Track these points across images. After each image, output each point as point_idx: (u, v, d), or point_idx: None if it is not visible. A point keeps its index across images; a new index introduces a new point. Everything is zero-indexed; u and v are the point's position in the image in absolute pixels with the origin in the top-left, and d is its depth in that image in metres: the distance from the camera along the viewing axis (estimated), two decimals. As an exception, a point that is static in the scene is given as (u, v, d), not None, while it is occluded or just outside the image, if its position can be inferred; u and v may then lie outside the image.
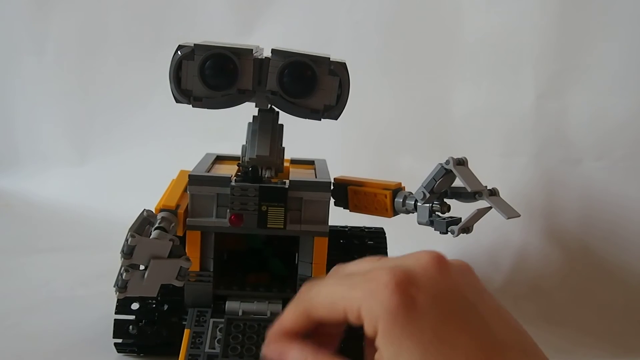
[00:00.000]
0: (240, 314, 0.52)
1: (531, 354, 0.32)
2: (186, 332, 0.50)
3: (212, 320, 0.51)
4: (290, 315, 0.37)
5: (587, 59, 0.85)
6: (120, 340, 0.54)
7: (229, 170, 0.56)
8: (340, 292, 0.34)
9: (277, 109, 0.52)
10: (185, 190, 0.53)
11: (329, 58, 0.48)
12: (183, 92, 0.48)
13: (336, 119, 0.49)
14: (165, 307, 0.55)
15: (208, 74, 0.47)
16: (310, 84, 0.47)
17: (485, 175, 0.50)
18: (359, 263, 0.37)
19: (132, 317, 0.54)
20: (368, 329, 0.32)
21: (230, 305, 0.52)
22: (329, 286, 0.35)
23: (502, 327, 0.33)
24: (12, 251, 0.85)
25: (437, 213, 0.48)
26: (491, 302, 0.34)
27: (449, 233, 0.46)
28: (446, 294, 0.33)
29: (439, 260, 0.34)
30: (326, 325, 0.36)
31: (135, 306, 0.55)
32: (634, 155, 0.83)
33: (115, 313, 0.54)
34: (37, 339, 0.58)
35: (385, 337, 0.32)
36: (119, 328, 0.54)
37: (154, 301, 0.55)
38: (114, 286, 0.44)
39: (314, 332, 0.36)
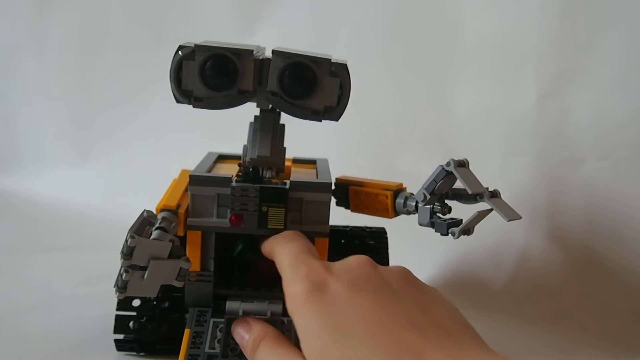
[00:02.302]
0: (240, 313, 0.52)
1: (458, 335, 0.34)
2: (186, 331, 0.50)
3: (212, 320, 0.51)
4: (268, 244, 0.48)
5: (589, 59, 0.85)
6: (120, 337, 0.54)
7: (231, 169, 0.56)
8: (284, 265, 0.42)
9: (278, 110, 0.52)
10: (186, 190, 0.53)
11: (330, 59, 0.48)
12: (184, 92, 0.48)
13: (337, 120, 0.49)
14: (166, 304, 0.55)
15: (208, 75, 0.47)
16: (311, 85, 0.47)
17: (487, 175, 0.50)
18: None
19: (134, 313, 0.55)
20: (287, 308, 0.38)
21: (230, 305, 0.52)
22: (283, 254, 0.43)
23: (427, 310, 0.36)
24: (13, 251, 0.86)
25: (438, 214, 0.48)
26: (420, 291, 0.38)
27: (450, 235, 0.46)
28: (364, 281, 0.38)
29: (364, 259, 0.40)
30: None
31: (136, 303, 0.55)
32: (637, 155, 0.83)
33: (117, 310, 0.55)
34: (39, 339, 0.58)
35: (299, 313, 0.37)
36: (120, 323, 0.54)
37: (154, 299, 0.55)
38: (114, 286, 0.44)
39: None
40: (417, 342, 0.32)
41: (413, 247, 0.73)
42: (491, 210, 0.46)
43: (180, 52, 0.47)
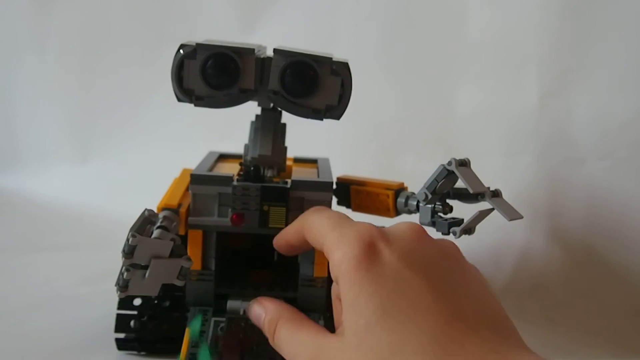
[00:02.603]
0: (241, 313, 0.51)
1: (501, 330, 0.33)
2: (187, 330, 0.50)
3: (213, 319, 0.51)
4: (291, 228, 0.45)
5: (591, 59, 0.85)
6: (121, 336, 0.54)
7: (232, 169, 0.56)
8: (325, 229, 0.38)
9: (279, 108, 0.52)
10: (187, 189, 0.53)
11: (332, 58, 0.48)
12: (185, 91, 0.48)
13: (338, 119, 0.49)
14: (167, 303, 0.55)
15: (210, 74, 0.47)
16: (312, 83, 0.47)
17: (489, 174, 0.50)
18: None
19: (135, 312, 0.55)
20: (332, 271, 0.35)
21: (231, 304, 0.52)
22: (321, 219, 0.40)
23: (474, 299, 0.34)
24: (14, 250, 0.85)
25: (439, 214, 0.48)
26: (469, 276, 0.36)
27: (451, 234, 0.46)
28: (417, 256, 0.35)
29: (418, 229, 0.37)
30: None
31: (137, 302, 0.55)
32: (638, 155, 0.83)
33: (118, 309, 0.55)
34: (40, 337, 0.58)
35: (346, 281, 0.34)
36: (121, 322, 0.54)
37: (155, 297, 0.55)
38: (115, 285, 0.44)
39: None
40: (462, 332, 0.31)
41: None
42: (492, 209, 0.46)
43: (181, 51, 0.47)
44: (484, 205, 0.47)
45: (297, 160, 0.65)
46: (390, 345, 0.31)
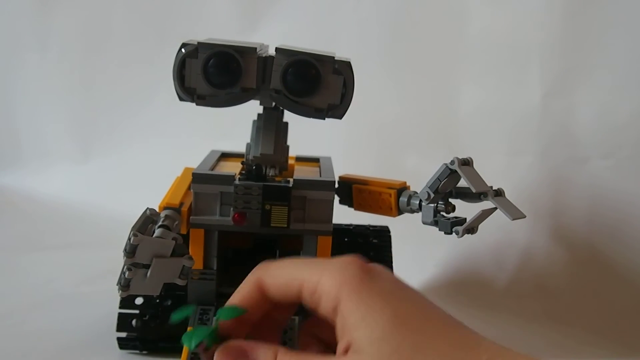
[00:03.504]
0: None
1: (453, 323, 0.34)
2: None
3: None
4: (245, 290, 0.38)
5: (594, 58, 0.85)
6: (123, 335, 0.55)
7: (234, 167, 0.56)
8: (301, 270, 0.36)
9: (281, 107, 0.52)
10: (189, 188, 0.53)
11: (334, 57, 0.47)
12: (187, 90, 0.47)
13: (340, 118, 0.49)
14: (169, 302, 0.55)
15: (211, 73, 0.46)
16: (314, 82, 0.47)
17: (491, 174, 0.49)
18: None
19: (136, 311, 0.55)
20: (326, 302, 0.34)
21: None
22: (288, 265, 0.37)
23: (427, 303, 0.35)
24: (15, 249, 0.85)
25: (441, 213, 0.48)
26: (410, 288, 0.36)
27: (453, 233, 0.46)
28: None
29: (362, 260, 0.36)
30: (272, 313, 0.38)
31: (139, 301, 0.55)
32: (641, 154, 0.83)
33: (120, 308, 0.55)
34: (41, 337, 0.58)
35: (351, 301, 0.33)
36: (123, 321, 0.54)
37: (157, 297, 0.55)
38: (117, 284, 0.44)
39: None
40: (470, 332, 0.32)
41: (416, 245, 0.72)
42: (495, 209, 0.46)
43: (183, 50, 0.47)
44: (487, 204, 0.47)
45: (299, 159, 0.65)
46: (412, 347, 0.31)
